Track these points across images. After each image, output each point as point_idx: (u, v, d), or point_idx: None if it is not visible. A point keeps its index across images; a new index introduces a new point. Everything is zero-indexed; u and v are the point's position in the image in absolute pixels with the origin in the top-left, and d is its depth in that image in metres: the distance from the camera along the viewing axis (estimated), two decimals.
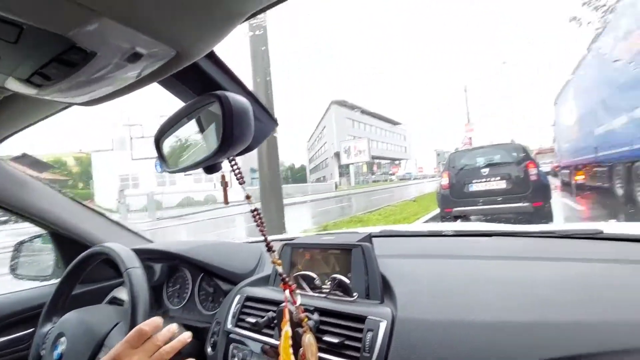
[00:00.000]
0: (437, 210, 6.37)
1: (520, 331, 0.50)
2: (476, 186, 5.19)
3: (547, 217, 4.85)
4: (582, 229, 0.81)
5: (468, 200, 5.18)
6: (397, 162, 54.50)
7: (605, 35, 6.39)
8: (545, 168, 7.58)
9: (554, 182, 9.82)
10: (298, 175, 51.93)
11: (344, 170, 38.26)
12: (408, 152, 60.57)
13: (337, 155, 37.05)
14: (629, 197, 5.80)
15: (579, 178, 9.05)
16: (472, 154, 5.74)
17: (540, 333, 0.49)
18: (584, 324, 0.49)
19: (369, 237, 0.76)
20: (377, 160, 48.21)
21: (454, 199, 5.28)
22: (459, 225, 1.32)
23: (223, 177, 0.53)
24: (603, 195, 7.39)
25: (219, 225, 10.99)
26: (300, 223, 9.20)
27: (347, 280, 0.69)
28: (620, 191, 6.23)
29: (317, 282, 0.75)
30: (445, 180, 5.47)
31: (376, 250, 0.72)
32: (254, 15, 0.37)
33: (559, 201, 7.01)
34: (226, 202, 0.53)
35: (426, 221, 6.23)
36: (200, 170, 0.50)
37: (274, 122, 0.54)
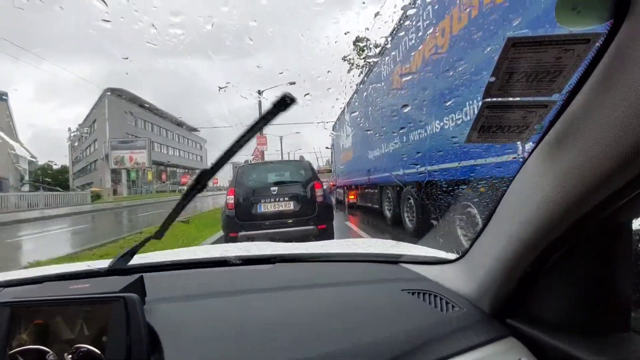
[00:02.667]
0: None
1: None
2: (265, 207, 4.66)
3: (330, 238, 4.61)
4: (340, 252, 1.08)
5: (256, 223, 4.60)
6: (189, 171, 50.53)
7: (375, 72, 6.88)
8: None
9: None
10: (58, 180, 37.79)
11: (118, 176, 30.70)
12: (204, 161, 57.67)
13: (107, 157, 29.28)
14: (396, 219, 6.17)
15: (352, 198, 9.93)
16: (262, 169, 5.31)
17: None
18: (348, 349, 0.54)
19: (141, 279, 0.65)
20: (169, 168, 42.88)
21: (240, 221, 4.57)
22: (244, 247, 1.22)
23: None
24: (371, 214, 8.09)
25: None
26: None
27: (96, 350, 0.53)
28: (388, 213, 6.67)
29: (52, 357, 0.54)
30: (230, 199, 4.66)
31: (150, 291, 0.66)
32: None
33: (335, 219, 6.88)
34: None
35: None
36: None
37: None
